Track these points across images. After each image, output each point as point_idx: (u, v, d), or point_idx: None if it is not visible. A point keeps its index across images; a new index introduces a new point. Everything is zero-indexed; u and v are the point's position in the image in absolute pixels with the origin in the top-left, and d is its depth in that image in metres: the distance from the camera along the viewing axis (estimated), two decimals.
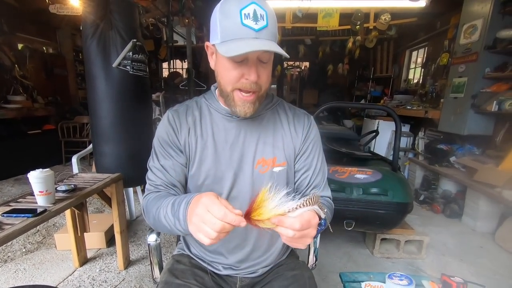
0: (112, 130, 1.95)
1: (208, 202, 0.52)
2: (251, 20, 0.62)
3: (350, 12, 4.16)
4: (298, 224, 0.52)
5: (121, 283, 1.73)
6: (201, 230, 0.52)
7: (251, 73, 0.66)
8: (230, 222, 0.50)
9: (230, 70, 0.68)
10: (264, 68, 0.69)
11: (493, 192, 2.39)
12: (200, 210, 0.52)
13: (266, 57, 0.68)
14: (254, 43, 0.62)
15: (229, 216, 0.49)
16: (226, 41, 0.64)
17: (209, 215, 0.50)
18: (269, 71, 0.72)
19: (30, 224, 1.10)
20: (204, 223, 0.51)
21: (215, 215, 0.50)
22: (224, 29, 0.64)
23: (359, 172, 1.93)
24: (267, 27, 0.63)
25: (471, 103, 2.98)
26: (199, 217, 0.52)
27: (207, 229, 0.51)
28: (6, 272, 1.80)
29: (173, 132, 0.79)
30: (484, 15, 2.84)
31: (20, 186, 3.38)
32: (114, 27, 1.83)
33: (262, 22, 0.62)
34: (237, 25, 0.62)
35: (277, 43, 0.68)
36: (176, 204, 0.62)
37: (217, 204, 0.51)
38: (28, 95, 4.37)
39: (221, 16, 0.64)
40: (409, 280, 1.03)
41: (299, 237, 0.54)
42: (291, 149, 0.83)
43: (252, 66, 0.67)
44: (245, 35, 0.62)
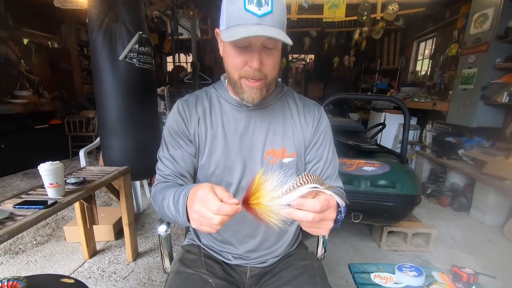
0: (119, 123, 1.96)
1: (203, 196, 0.51)
2: (254, 5, 0.60)
3: (357, 3, 4.09)
4: (318, 205, 0.48)
5: (130, 274, 1.75)
6: (203, 224, 0.52)
7: (253, 60, 0.65)
8: (226, 214, 0.49)
9: (235, 57, 0.68)
10: (269, 55, 0.68)
11: (503, 184, 2.35)
12: (197, 206, 0.51)
13: (271, 44, 0.66)
14: (254, 28, 0.60)
15: (224, 208, 0.48)
16: (229, 26, 0.63)
17: (206, 211, 0.50)
18: (276, 58, 0.70)
19: (41, 215, 1.11)
20: (203, 218, 0.51)
21: (210, 210, 0.49)
22: (229, 14, 0.64)
23: (366, 164, 1.91)
24: (271, 12, 0.61)
25: (480, 94, 2.92)
26: (198, 213, 0.52)
27: (206, 222, 0.51)
28: (18, 263, 1.84)
29: (182, 122, 0.79)
30: (495, 4, 2.76)
31: (29, 180, 3.44)
32: (119, 19, 1.82)
33: (266, 8, 0.61)
34: (240, 10, 0.61)
35: (285, 30, 0.67)
36: (176, 196, 0.62)
37: (211, 198, 0.49)
38: (34, 90, 4.41)
39: (227, 2, 0.65)
40: (419, 271, 1.03)
41: (319, 221, 0.50)
42: (301, 140, 0.82)
43: (255, 53, 0.65)
44: (247, 20, 0.61)
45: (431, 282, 1.01)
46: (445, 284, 1.00)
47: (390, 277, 1.04)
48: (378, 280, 1.03)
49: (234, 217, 0.82)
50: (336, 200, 0.53)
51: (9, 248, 1.96)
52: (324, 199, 0.50)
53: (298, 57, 7.52)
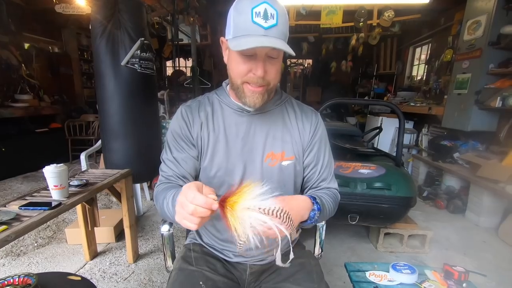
0: (121, 127, 1.99)
1: (185, 189, 0.54)
2: (261, 18, 0.65)
3: (354, 9, 4.17)
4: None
5: (130, 275, 1.78)
6: (183, 216, 0.55)
7: (258, 68, 0.70)
8: (200, 204, 0.52)
9: (240, 64, 0.72)
10: (273, 64, 0.73)
11: (497, 187, 2.40)
12: (180, 197, 0.55)
13: (275, 53, 0.71)
14: (261, 39, 0.65)
15: (198, 198, 0.52)
16: (237, 36, 0.68)
17: (185, 201, 0.53)
18: (278, 67, 0.75)
19: (46, 216, 1.15)
20: (182, 208, 0.54)
21: (188, 199, 0.53)
22: (236, 25, 0.68)
23: (363, 167, 1.96)
24: (276, 25, 0.67)
25: (475, 99, 2.98)
26: (179, 204, 0.55)
27: (185, 214, 0.54)
28: (20, 265, 1.86)
29: (185, 126, 0.83)
30: (488, 11, 2.84)
31: (29, 183, 3.45)
32: (122, 26, 1.87)
33: (272, 21, 0.66)
34: (248, 22, 0.66)
35: (286, 41, 0.72)
36: (175, 196, 0.66)
37: (192, 189, 0.53)
38: (34, 94, 4.45)
39: (234, 13, 0.69)
40: (412, 269, 1.07)
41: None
42: (299, 144, 0.86)
43: (259, 62, 0.70)
44: (254, 32, 0.66)
45: (424, 279, 1.05)
46: (437, 281, 1.04)
47: (384, 275, 1.08)
48: (373, 278, 1.07)
49: None
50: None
51: (11, 250, 1.98)
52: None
53: (296, 62, 7.61)
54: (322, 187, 0.88)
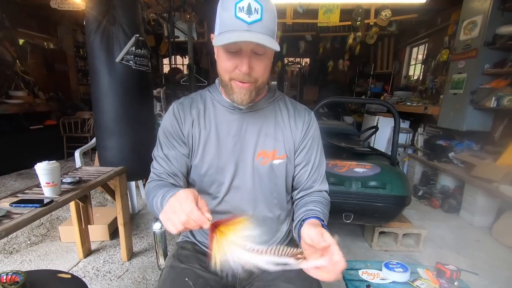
0: (116, 124, 1.98)
1: (183, 196, 0.54)
2: (244, 13, 0.64)
3: (351, 8, 4.17)
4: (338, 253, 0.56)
5: (124, 273, 1.77)
6: (169, 219, 0.54)
7: (243, 64, 0.69)
8: (194, 220, 0.52)
9: (225, 61, 0.72)
10: (259, 60, 0.71)
11: (491, 187, 2.42)
12: (174, 201, 0.55)
13: (261, 50, 0.69)
14: (244, 34, 0.64)
15: (195, 213, 0.52)
16: (221, 32, 0.68)
17: (179, 208, 0.53)
18: (265, 64, 0.73)
19: (38, 214, 1.14)
20: (173, 213, 0.54)
21: (183, 209, 0.52)
22: (221, 21, 0.68)
23: (358, 166, 1.96)
24: (261, 20, 0.65)
25: (470, 99, 3.00)
26: (170, 207, 0.55)
27: (174, 219, 0.53)
28: (12, 262, 1.84)
29: (177, 124, 0.82)
30: (484, 11, 2.85)
31: (23, 181, 3.42)
32: (117, 22, 1.85)
33: (255, 16, 0.65)
34: (231, 18, 0.65)
35: (275, 37, 0.71)
36: (165, 196, 0.65)
37: (190, 200, 0.53)
38: (29, 90, 4.40)
39: (220, 10, 0.69)
40: (405, 268, 1.07)
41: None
42: (291, 143, 0.86)
43: (244, 58, 0.69)
44: (237, 27, 0.65)
45: (416, 278, 1.05)
46: (429, 280, 1.04)
47: (377, 274, 1.08)
48: (365, 276, 1.07)
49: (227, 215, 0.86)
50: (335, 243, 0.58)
51: (3, 248, 1.97)
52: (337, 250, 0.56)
53: (293, 61, 7.60)
54: (313, 189, 0.87)
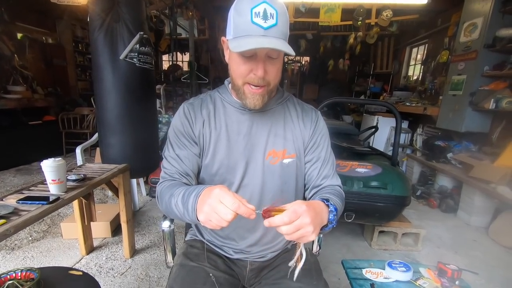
0: (119, 121, 1.98)
1: (222, 193, 0.56)
2: (260, 18, 0.65)
3: (352, 8, 4.18)
4: (286, 218, 0.55)
5: (127, 270, 1.78)
6: (213, 218, 0.56)
7: (258, 68, 0.70)
8: (242, 214, 0.54)
9: (240, 65, 0.72)
10: (273, 64, 0.73)
11: (488, 187, 2.46)
12: (213, 200, 0.56)
13: (275, 54, 0.71)
14: (261, 40, 0.65)
15: (242, 208, 0.54)
16: (237, 37, 0.68)
17: (221, 205, 0.55)
18: (278, 67, 0.75)
19: (45, 211, 1.15)
20: (216, 213, 0.55)
21: (228, 206, 0.54)
22: (236, 26, 0.68)
23: (359, 166, 1.98)
24: (276, 25, 0.66)
25: (469, 100, 3.03)
26: (211, 207, 0.56)
27: (218, 218, 0.55)
28: (14, 259, 1.84)
29: (188, 124, 0.83)
30: (484, 14, 2.87)
31: (22, 176, 3.41)
32: (121, 19, 1.84)
33: (271, 21, 0.66)
34: (247, 23, 0.66)
35: (287, 40, 0.71)
36: (186, 195, 0.66)
37: (231, 196, 0.55)
38: (28, 85, 4.36)
39: (234, 14, 0.69)
40: (408, 267, 1.10)
41: (294, 230, 0.56)
42: (300, 141, 0.87)
43: (260, 62, 0.70)
44: (254, 32, 0.66)
45: (418, 277, 1.08)
46: (431, 279, 1.07)
47: (380, 273, 1.11)
48: (369, 275, 1.09)
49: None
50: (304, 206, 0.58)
51: (5, 244, 1.96)
52: (291, 211, 0.56)
53: (294, 59, 7.60)
54: (324, 185, 0.88)
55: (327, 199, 0.71)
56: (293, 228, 0.56)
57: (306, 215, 0.57)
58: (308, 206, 0.58)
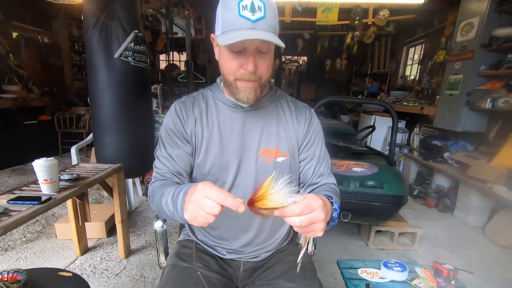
0: (114, 121, 1.96)
1: (205, 188, 0.53)
2: (248, 11, 0.64)
3: (349, 7, 4.18)
4: (298, 209, 0.53)
5: (122, 271, 1.76)
6: (199, 216, 0.54)
7: (248, 63, 0.69)
8: (229, 206, 0.51)
9: (230, 60, 0.71)
10: (263, 58, 0.72)
11: (485, 187, 2.46)
12: (197, 197, 0.54)
13: (265, 47, 0.70)
14: (249, 33, 0.64)
15: (228, 199, 0.52)
16: (225, 31, 0.67)
17: (206, 200, 0.52)
18: (269, 61, 0.74)
19: (36, 211, 1.12)
20: (201, 209, 0.53)
21: (214, 199, 0.52)
22: (224, 20, 0.67)
23: (356, 165, 1.97)
24: (264, 18, 0.65)
25: (465, 100, 3.03)
26: (196, 204, 0.54)
27: (204, 214, 0.53)
28: (7, 260, 1.82)
29: (180, 123, 0.82)
30: (480, 13, 2.88)
31: (17, 177, 3.37)
32: (115, 17, 1.83)
33: (259, 13, 0.65)
34: (235, 16, 0.65)
35: (277, 34, 0.70)
36: (175, 194, 0.64)
37: (216, 189, 0.53)
38: (23, 85, 4.32)
39: (222, 8, 0.68)
40: (403, 267, 1.09)
41: (307, 224, 0.54)
42: (294, 140, 0.86)
43: (250, 57, 0.69)
44: (242, 25, 0.65)
45: (414, 277, 1.07)
46: (427, 279, 1.06)
47: (376, 273, 1.10)
48: (364, 275, 1.08)
49: (228, 214, 0.86)
50: (320, 201, 0.56)
51: None
52: (305, 204, 0.54)
53: (291, 59, 7.60)
54: (320, 183, 0.87)
55: (330, 197, 0.70)
56: (306, 221, 0.54)
57: (321, 210, 0.55)
58: (324, 202, 0.57)
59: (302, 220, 0.54)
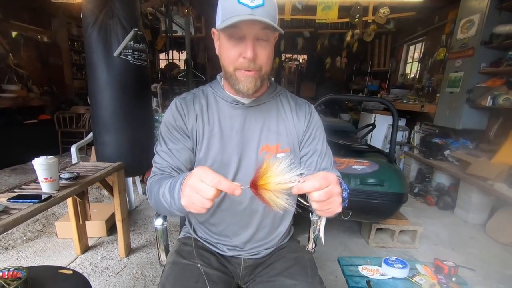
0: (113, 119, 1.95)
1: (201, 172, 0.52)
2: None
3: (349, 5, 4.17)
4: (317, 183, 0.51)
5: (123, 269, 1.77)
6: (195, 200, 0.52)
7: (247, 50, 0.69)
8: (224, 189, 0.50)
9: (229, 49, 0.71)
10: (263, 47, 0.71)
11: (485, 184, 2.46)
12: (193, 181, 0.52)
13: (264, 35, 0.70)
14: (247, 17, 0.65)
15: (223, 182, 0.50)
16: (224, 20, 0.67)
17: (202, 184, 0.51)
18: (268, 51, 0.73)
19: (36, 209, 1.12)
20: (197, 193, 0.51)
21: (208, 183, 0.50)
22: (224, 9, 0.68)
23: (356, 163, 1.97)
24: (263, 5, 0.66)
25: (466, 97, 3.03)
26: (192, 188, 0.52)
27: (200, 198, 0.51)
28: (8, 259, 1.82)
29: (180, 118, 0.81)
30: (481, 10, 2.87)
31: (17, 176, 3.37)
32: (115, 15, 1.82)
33: (258, 1, 0.65)
34: (234, 4, 0.66)
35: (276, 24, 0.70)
36: (173, 183, 0.63)
37: (211, 173, 0.51)
38: (23, 84, 4.31)
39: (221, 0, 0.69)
40: (404, 264, 1.09)
41: (326, 198, 0.53)
42: (294, 136, 0.86)
43: (248, 43, 0.69)
44: (240, 12, 0.65)
45: (415, 274, 1.07)
46: (427, 276, 1.06)
47: (376, 270, 1.10)
48: (365, 272, 1.08)
49: (229, 211, 0.86)
50: (334, 175, 0.55)
51: None
52: (322, 177, 0.52)
53: (291, 57, 7.58)
54: None
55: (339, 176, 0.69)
56: (324, 195, 0.52)
57: (336, 184, 0.54)
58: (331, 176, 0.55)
59: (320, 195, 0.52)
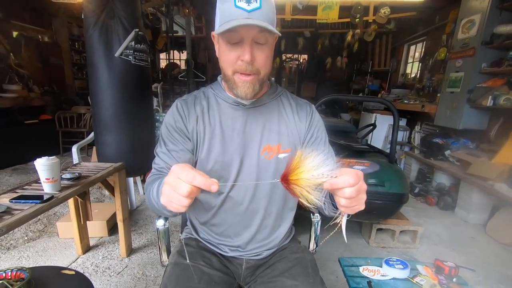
0: (114, 120, 1.96)
1: (178, 169, 0.51)
2: (243, 2, 0.65)
3: (350, 5, 4.17)
4: (351, 179, 0.50)
5: (124, 269, 1.77)
6: (173, 197, 0.51)
7: (245, 53, 0.69)
8: (199, 185, 0.49)
9: (228, 53, 0.72)
10: (261, 50, 0.71)
11: (486, 185, 2.46)
12: (170, 178, 0.51)
13: (262, 38, 0.70)
14: (244, 21, 0.65)
15: (198, 178, 0.49)
16: (222, 24, 0.68)
17: (178, 181, 0.50)
18: (267, 54, 0.73)
19: (38, 210, 1.13)
20: (174, 190, 0.50)
21: (184, 179, 0.49)
22: (221, 13, 0.68)
23: (357, 163, 1.97)
24: (260, 8, 0.66)
25: (467, 97, 3.03)
26: (169, 185, 0.52)
27: (177, 196, 0.50)
28: (10, 259, 1.83)
29: (181, 119, 0.82)
30: (482, 10, 2.87)
31: (18, 176, 3.38)
32: (116, 16, 1.82)
33: (255, 4, 0.65)
34: (231, 8, 0.66)
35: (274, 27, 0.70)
36: (161, 182, 0.62)
37: (188, 168, 0.50)
38: (24, 84, 4.32)
39: (219, 3, 0.69)
40: (405, 264, 1.09)
41: (356, 194, 0.52)
42: (296, 136, 0.86)
43: (246, 47, 0.69)
44: (237, 16, 0.65)
45: (416, 274, 1.07)
46: (428, 276, 1.06)
47: (377, 270, 1.10)
48: (366, 273, 1.09)
49: (231, 212, 0.86)
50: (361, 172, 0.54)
51: (0, 244, 1.95)
52: (353, 172, 0.52)
53: (291, 57, 7.58)
54: None
55: None
56: (355, 192, 0.51)
57: (363, 182, 0.53)
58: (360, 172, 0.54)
59: (352, 191, 0.51)
